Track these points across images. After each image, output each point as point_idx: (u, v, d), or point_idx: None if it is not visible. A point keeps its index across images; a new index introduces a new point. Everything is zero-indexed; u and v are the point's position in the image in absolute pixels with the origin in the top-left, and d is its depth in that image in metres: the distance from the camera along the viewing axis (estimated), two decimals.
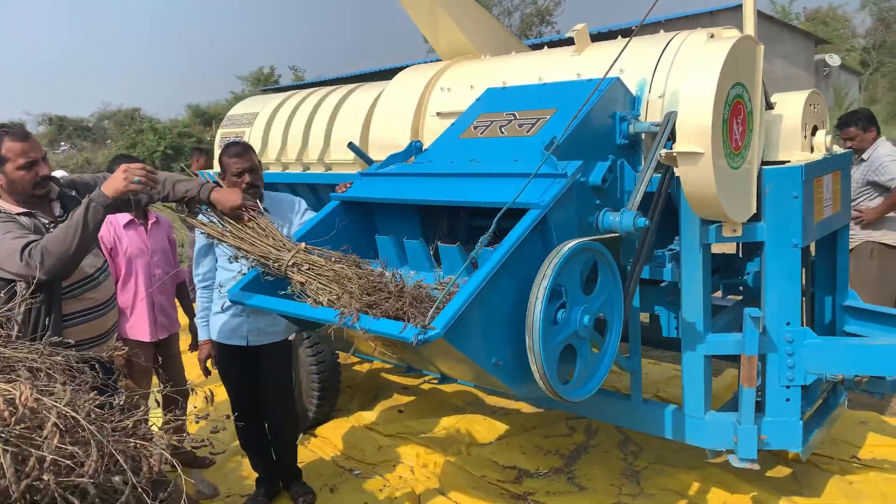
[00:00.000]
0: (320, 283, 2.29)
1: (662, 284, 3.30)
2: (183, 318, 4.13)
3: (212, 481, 3.75)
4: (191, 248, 7.60)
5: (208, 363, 3.50)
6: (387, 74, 4.78)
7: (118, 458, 1.11)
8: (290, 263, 2.40)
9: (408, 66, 4.26)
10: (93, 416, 1.17)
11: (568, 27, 3.44)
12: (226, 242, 2.67)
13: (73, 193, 2.76)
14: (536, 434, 4.10)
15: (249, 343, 3.33)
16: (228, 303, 2.85)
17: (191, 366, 4.81)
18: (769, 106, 3.06)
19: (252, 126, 4.97)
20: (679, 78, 2.89)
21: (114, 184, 2.47)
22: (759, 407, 2.91)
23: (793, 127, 3.00)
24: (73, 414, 1.10)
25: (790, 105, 3.04)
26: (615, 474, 3.63)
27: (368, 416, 4.45)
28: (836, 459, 3.58)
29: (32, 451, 1.01)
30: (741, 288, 3.74)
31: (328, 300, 2.26)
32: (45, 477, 0.99)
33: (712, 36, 3.01)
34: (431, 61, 4.49)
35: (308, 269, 2.35)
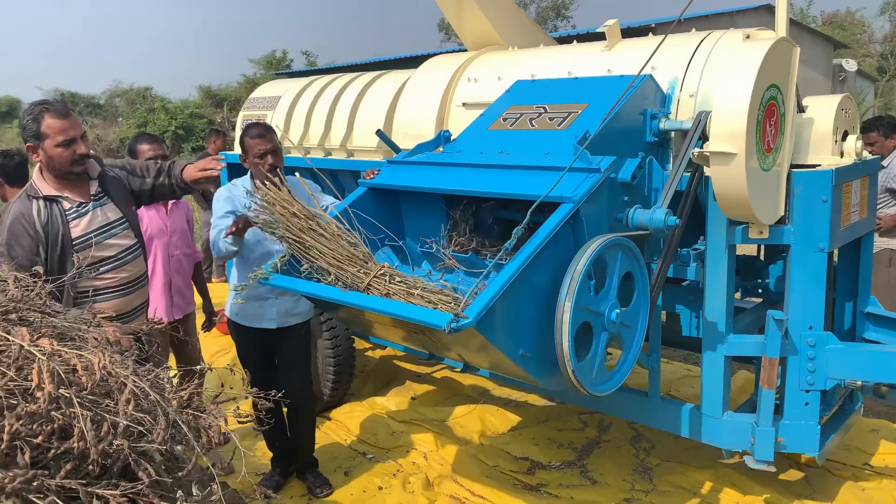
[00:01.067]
0: (419, 295, 2.27)
1: (684, 283, 3.31)
2: (198, 299, 4.15)
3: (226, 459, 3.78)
4: (204, 229, 7.64)
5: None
6: (403, 63, 4.79)
7: (183, 427, 1.14)
8: (378, 273, 2.38)
9: (424, 56, 4.25)
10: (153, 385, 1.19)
11: (584, 22, 3.45)
12: (295, 245, 2.48)
13: (115, 173, 2.77)
14: (549, 427, 4.12)
15: (278, 325, 3.35)
16: (260, 286, 2.82)
17: (207, 345, 4.86)
18: (801, 109, 3.05)
19: (274, 109, 4.98)
20: (712, 78, 2.88)
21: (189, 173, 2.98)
22: (777, 409, 2.92)
23: (824, 131, 3.00)
24: (141, 383, 1.12)
25: (822, 109, 3.03)
26: (627, 470, 3.64)
27: (382, 402, 4.48)
28: (848, 465, 3.58)
29: (107, 416, 1.04)
30: (760, 290, 3.74)
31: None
32: (117, 442, 1.02)
33: (748, 36, 3.00)
34: (449, 51, 4.48)
35: (400, 282, 2.35)
